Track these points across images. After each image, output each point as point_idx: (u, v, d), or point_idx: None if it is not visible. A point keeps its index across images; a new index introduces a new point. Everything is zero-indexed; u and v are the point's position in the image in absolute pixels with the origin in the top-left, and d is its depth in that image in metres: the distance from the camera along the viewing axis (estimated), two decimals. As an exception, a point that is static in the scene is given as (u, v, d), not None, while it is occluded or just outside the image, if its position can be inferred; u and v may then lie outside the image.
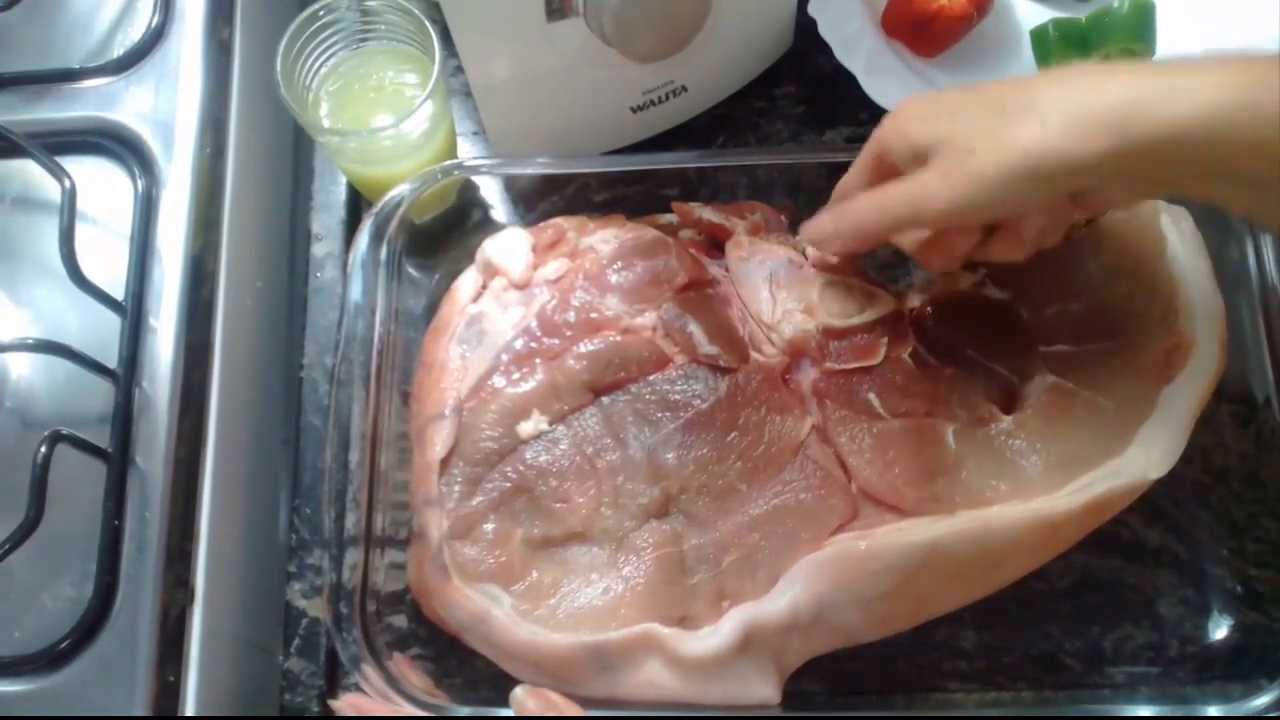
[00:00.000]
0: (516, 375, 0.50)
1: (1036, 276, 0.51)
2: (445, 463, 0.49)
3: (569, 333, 0.51)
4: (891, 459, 0.49)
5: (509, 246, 0.53)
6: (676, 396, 0.50)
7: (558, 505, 0.48)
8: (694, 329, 0.51)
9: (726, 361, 0.50)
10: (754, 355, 0.51)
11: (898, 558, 0.46)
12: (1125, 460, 0.48)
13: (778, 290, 0.52)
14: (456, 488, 0.49)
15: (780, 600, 0.46)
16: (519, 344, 0.51)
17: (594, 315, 0.51)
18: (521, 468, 0.49)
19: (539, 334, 0.51)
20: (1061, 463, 0.48)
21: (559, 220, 0.55)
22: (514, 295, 0.52)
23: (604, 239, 0.53)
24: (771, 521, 0.48)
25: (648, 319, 0.51)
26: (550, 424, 0.49)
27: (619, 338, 0.51)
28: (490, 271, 0.53)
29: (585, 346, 0.50)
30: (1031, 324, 0.52)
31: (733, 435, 0.49)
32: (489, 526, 0.48)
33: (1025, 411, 0.50)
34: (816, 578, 0.46)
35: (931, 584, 0.47)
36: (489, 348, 0.51)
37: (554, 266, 0.52)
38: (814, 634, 0.47)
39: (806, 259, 0.53)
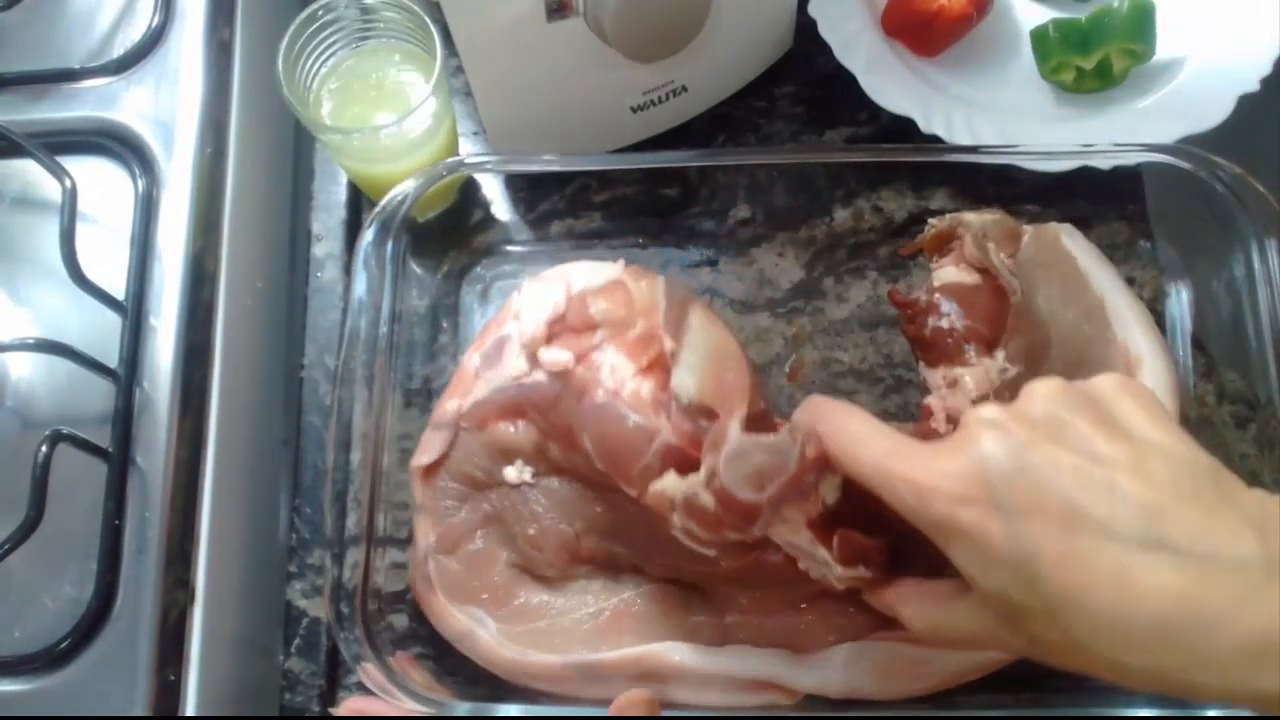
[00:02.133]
0: (507, 418, 0.48)
1: (1021, 335, 0.48)
2: (431, 470, 0.49)
3: (551, 431, 0.48)
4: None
5: (534, 303, 0.48)
6: (673, 540, 0.44)
7: (533, 552, 0.48)
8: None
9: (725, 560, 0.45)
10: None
11: (940, 663, 0.45)
12: None
13: None
14: (446, 500, 0.49)
15: (812, 675, 0.45)
16: (515, 393, 0.48)
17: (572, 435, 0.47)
18: (505, 504, 0.48)
19: (528, 405, 0.48)
20: None
21: (619, 303, 0.47)
22: None
23: (611, 371, 0.45)
24: (790, 629, 0.46)
25: None
26: (534, 478, 0.48)
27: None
28: None
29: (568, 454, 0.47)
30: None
31: (743, 573, 0.46)
32: (474, 546, 0.48)
33: None
34: (856, 669, 0.45)
35: (964, 671, 0.46)
36: (499, 373, 0.48)
37: (555, 355, 0.46)
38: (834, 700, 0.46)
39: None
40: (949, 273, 0.50)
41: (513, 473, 0.48)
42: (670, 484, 0.41)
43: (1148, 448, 0.33)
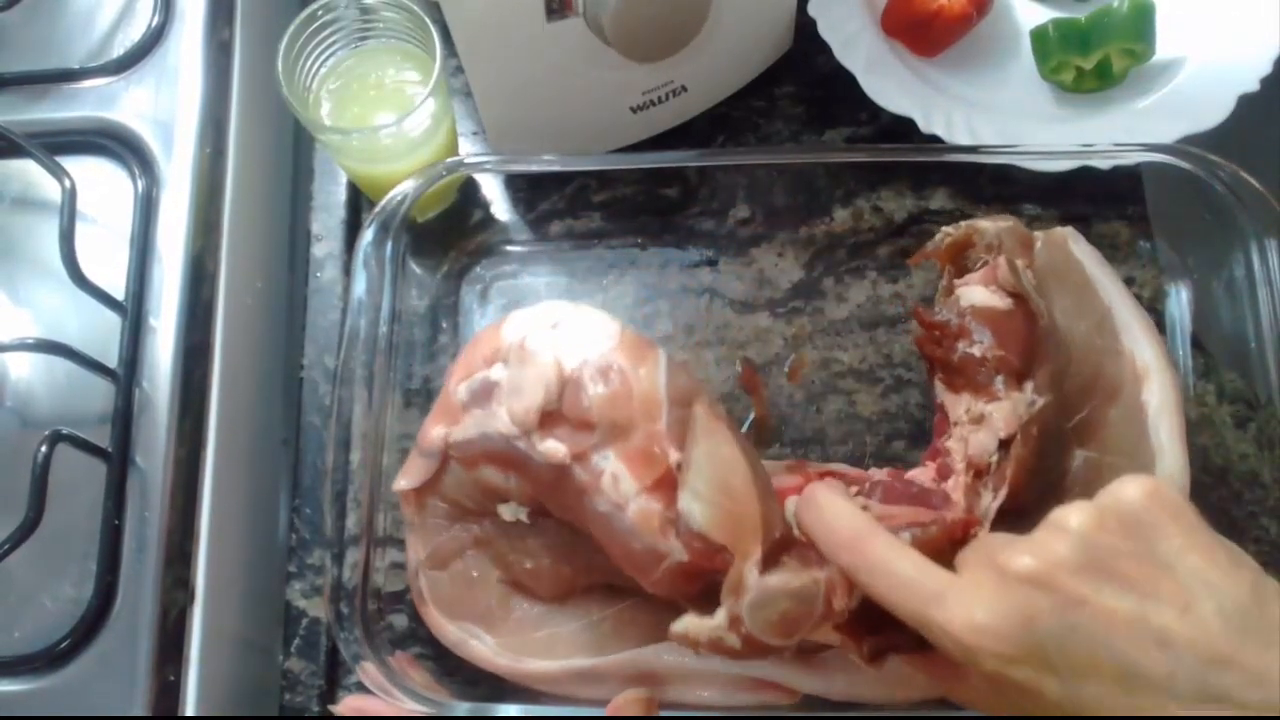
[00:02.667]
0: (501, 468, 0.45)
1: (1049, 362, 0.47)
2: (422, 493, 0.48)
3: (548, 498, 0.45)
4: None
5: (527, 380, 0.43)
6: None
7: (529, 582, 0.47)
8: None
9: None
10: None
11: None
12: None
13: None
14: (435, 518, 0.48)
15: (812, 679, 0.45)
16: (508, 450, 0.44)
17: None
18: (499, 534, 0.47)
19: (529, 473, 0.44)
20: None
21: (596, 404, 0.43)
22: None
23: (613, 483, 0.42)
24: None
25: None
26: (530, 518, 0.46)
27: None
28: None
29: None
30: (1063, 406, 0.48)
31: None
32: (466, 563, 0.48)
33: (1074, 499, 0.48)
34: (857, 673, 0.45)
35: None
36: (489, 419, 0.44)
37: (551, 446, 0.42)
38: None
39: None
40: (978, 294, 0.47)
41: (508, 512, 0.46)
42: (692, 627, 0.40)
43: (1192, 582, 0.33)
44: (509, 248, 0.60)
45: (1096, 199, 0.58)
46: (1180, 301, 0.56)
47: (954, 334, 0.47)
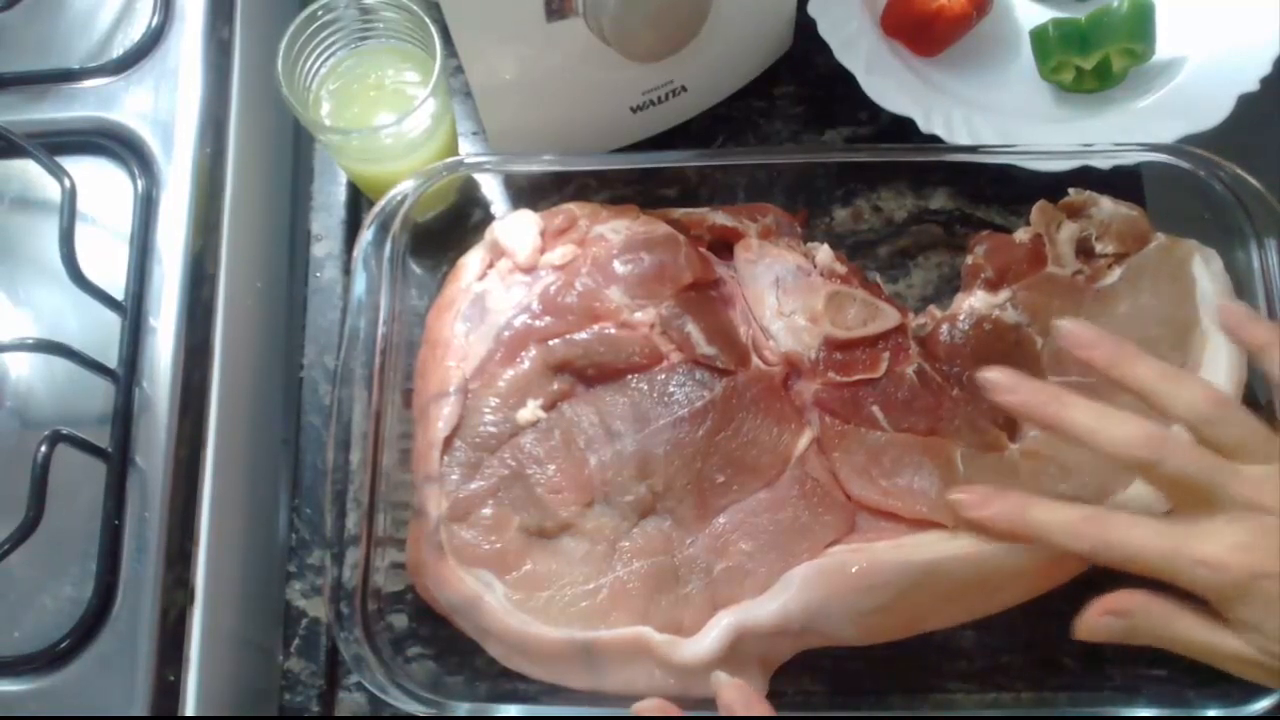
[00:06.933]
0: (515, 356, 0.50)
1: (1066, 307, 0.51)
2: (448, 441, 0.49)
3: (570, 317, 0.51)
4: (889, 470, 0.48)
5: (517, 228, 0.53)
6: (672, 393, 0.49)
7: (552, 496, 0.48)
8: (692, 329, 0.50)
9: (724, 364, 0.50)
10: (755, 361, 0.51)
11: (893, 575, 0.45)
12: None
13: (783, 296, 0.52)
14: (457, 470, 0.49)
15: (771, 604, 0.46)
16: (518, 321, 0.51)
17: (595, 304, 0.51)
18: (520, 455, 0.49)
19: (538, 312, 0.51)
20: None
21: (571, 206, 0.54)
22: (519, 277, 0.52)
23: (615, 229, 0.53)
24: (764, 534, 0.47)
25: (647, 314, 0.51)
26: (545, 409, 0.49)
27: (614, 330, 0.50)
28: (497, 251, 0.53)
29: (579, 335, 0.50)
30: (1046, 352, 0.51)
31: (723, 435, 0.49)
32: (487, 511, 0.48)
33: (1030, 440, 0.49)
34: (809, 586, 0.46)
35: (927, 603, 0.47)
36: (491, 326, 0.51)
37: (561, 252, 0.52)
38: (804, 638, 0.47)
39: (815, 267, 0.53)
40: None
41: (526, 413, 0.49)
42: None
43: None
44: (509, 248, 0.60)
45: (1096, 199, 0.58)
46: (1180, 301, 0.56)
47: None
